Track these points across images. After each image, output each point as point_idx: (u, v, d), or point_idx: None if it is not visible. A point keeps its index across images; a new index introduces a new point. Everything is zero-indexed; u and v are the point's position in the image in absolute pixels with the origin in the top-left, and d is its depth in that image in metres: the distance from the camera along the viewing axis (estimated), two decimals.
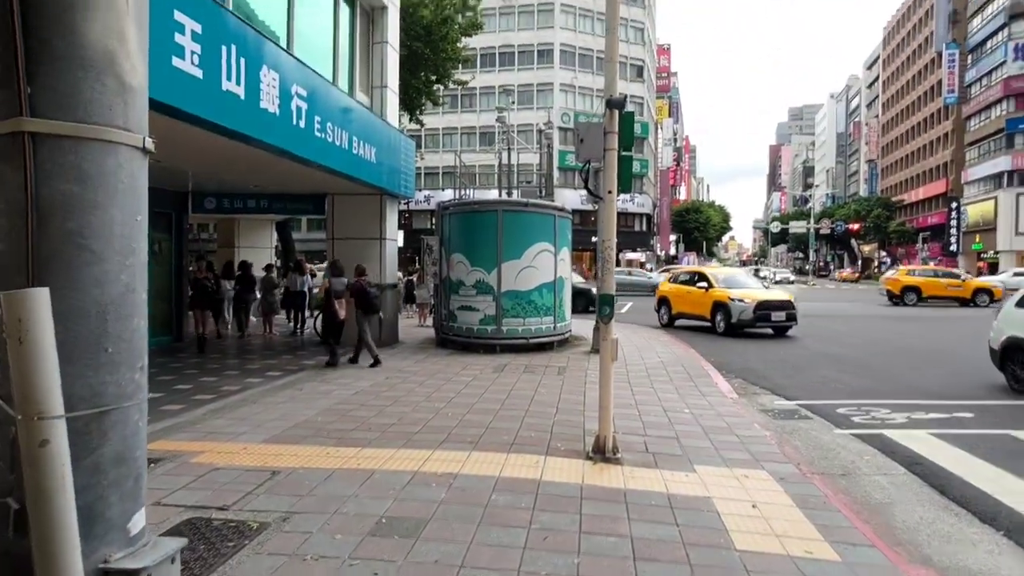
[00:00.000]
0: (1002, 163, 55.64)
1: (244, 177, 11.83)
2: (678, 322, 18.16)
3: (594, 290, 23.09)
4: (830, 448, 6.38)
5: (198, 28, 5.98)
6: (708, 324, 16.79)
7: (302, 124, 8.37)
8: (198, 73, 6.01)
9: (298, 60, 8.51)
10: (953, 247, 61.73)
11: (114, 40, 2.08)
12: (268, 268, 16.02)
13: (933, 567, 3.87)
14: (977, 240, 58.88)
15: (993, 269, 51.35)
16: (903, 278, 29.27)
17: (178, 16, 5.71)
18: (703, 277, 17.52)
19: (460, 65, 24.56)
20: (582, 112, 60.54)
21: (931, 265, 45.52)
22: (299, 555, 3.63)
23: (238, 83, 6.73)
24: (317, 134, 8.86)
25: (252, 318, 15.65)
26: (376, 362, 10.23)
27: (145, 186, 2.15)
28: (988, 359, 9.90)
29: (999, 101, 56.55)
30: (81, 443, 2.00)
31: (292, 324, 15.66)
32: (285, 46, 9.04)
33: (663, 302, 18.69)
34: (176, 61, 5.67)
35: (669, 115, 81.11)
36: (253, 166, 9.85)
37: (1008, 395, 8.87)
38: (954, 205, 62.30)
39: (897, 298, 28.43)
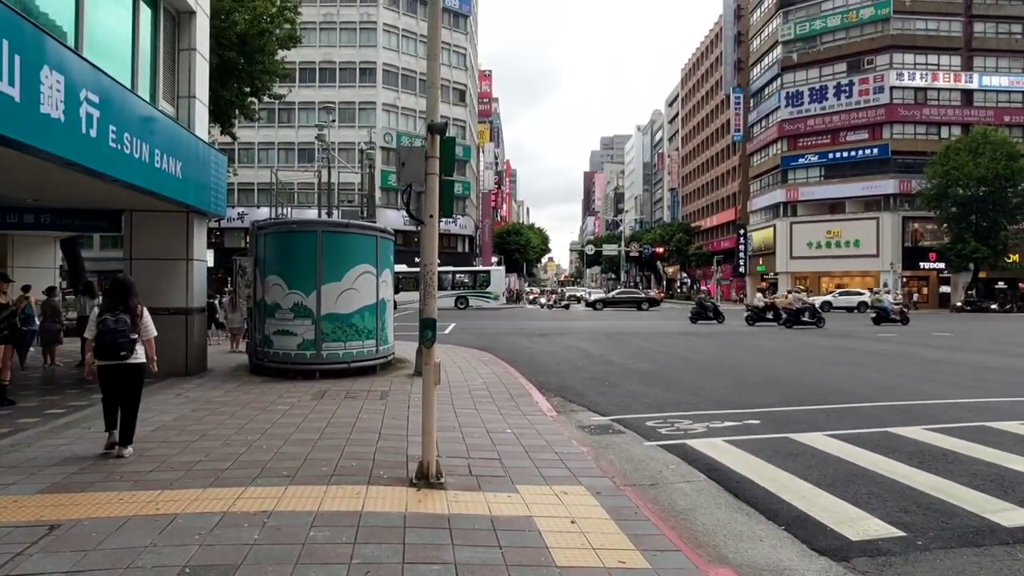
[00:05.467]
0: (778, 195, 63.35)
1: (22, 190, 10.44)
2: None
3: None
4: (640, 460, 6.80)
5: None
6: None
7: (93, 133, 7.56)
8: None
9: (89, 63, 7.69)
10: (742, 269, 69.04)
11: None
12: (50, 291, 14.19)
13: (728, 565, 4.23)
14: (760, 263, 66.29)
15: (774, 289, 58.14)
16: None
17: None
18: None
19: (278, 79, 23.49)
20: (405, 132, 60.58)
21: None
22: None
23: (11, 83, 5.94)
24: (112, 144, 8.05)
25: (31, 348, 13.72)
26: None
27: None
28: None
29: (775, 141, 64.43)
30: None
31: (82, 354, 13.85)
32: (73, 45, 8.14)
33: None
34: None
35: (490, 139, 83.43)
36: (35, 178, 8.73)
37: (782, 403, 9.99)
38: (741, 231, 69.80)
39: None
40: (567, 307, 53.37)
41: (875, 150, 57.52)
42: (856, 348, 18.90)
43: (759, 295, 34.37)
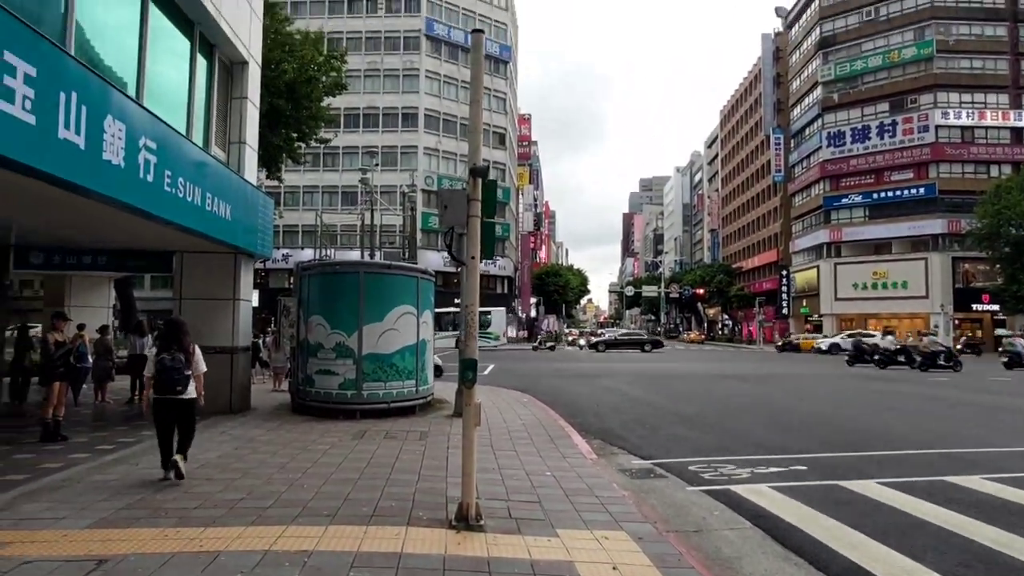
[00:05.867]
0: (821, 236, 62.38)
1: (82, 231, 10.88)
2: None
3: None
4: (683, 505, 6.64)
5: (32, 72, 5.52)
6: None
7: (150, 178, 7.88)
8: (30, 119, 5.52)
9: (148, 111, 8.07)
10: (784, 311, 67.77)
11: None
12: (103, 330, 14.66)
13: None
14: (804, 304, 65.01)
15: (818, 330, 57.00)
16: None
17: (8, 57, 5.26)
18: None
19: (323, 124, 24.24)
20: (446, 176, 61.66)
21: None
22: None
23: (78, 132, 6.25)
24: (167, 189, 8.37)
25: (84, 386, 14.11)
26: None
27: None
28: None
29: (817, 181, 63.72)
30: None
31: (132, 392, 14.18)
32: (134, 95, 8.56)
33: None
34: (4, 106, 5.19)
35: (530, 182, 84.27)
36: (94, 220, 9.09)
37: (830, 448, 9.69)
38: (784, 272, 68.70)
39: None
40: (552, 348, 51.41)
41: (921, 189, 56.43)
42: (911, 392, 18.30)
43: (889, 337, 32.45)
